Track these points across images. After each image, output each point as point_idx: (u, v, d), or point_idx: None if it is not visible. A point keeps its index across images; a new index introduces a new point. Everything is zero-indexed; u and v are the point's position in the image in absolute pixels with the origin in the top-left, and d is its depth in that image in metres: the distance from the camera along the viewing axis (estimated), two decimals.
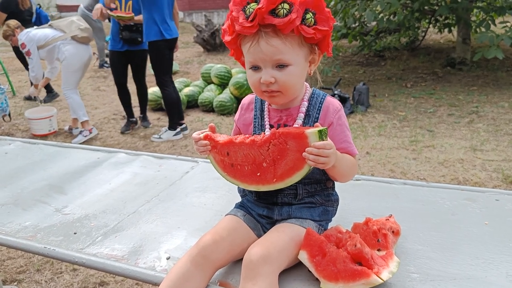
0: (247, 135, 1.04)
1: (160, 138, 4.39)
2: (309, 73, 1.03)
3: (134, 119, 4.75)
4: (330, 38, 0.98)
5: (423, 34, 7.98)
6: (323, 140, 0.91)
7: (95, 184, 1.57)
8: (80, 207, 1.42)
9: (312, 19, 0.93)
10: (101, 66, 7.97)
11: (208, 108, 5.18)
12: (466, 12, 5.95)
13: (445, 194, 1.29)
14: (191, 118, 5.07)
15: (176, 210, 1.35)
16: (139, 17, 4.16)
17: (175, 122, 4.37)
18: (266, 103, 1.09)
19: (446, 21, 7.06)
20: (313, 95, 1.06)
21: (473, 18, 6.69)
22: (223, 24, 1.03)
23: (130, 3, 4.22)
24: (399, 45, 7.99)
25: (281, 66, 0.96)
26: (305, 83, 1.07)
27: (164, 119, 5.07)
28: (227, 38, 0.99)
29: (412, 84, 6.00)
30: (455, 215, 1.19)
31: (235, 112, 5.23)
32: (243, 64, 1.07)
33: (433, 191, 1.32)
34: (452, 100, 5.19)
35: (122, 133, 4.66)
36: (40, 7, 5.07)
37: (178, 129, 4.39)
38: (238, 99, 5.10)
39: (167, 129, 4.41)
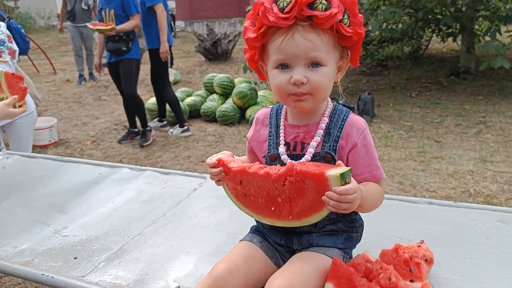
0: (261, 165, 0.94)
1: (171, 133, 4.75)
2: (335, 81, 0.94)
3: (136, 130, 4.63)
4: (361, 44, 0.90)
5: (426, 43, 7.94)
6: (346, 182, 0.80)
7: (97, 202, 1.48)
8: (81, 228, 1.32)
9: (347, 21, 0.86)
10: (91, 78, 7.74)
11: (211, 118, 5.11)
12: (470, 21, 5.91)
13: (475, 215, 1.20)
14: (193, 128, 4.99)
15: (184, 232, 1.25)
16: (123, 26, 3.93)
17: (181, 119, 4.70)
18: (282, 118, 0.99)
19: (449, 30, 7.02)
20: (335, 111, 0.96)
21: (476, 27, 6.66)
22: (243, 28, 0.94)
23: (112, 12, 3.98)
24: (402, 54, 7.95)
25: (314, 65, 0.87)
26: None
27: (165, 130, 4.99)
28: (250, 34, 0.89)
29: (416, 94, 5.93)
30: (489, 239, 1.09)
31: (238, 122, 5.16)
32: (257, 71, 0.97)
33: (462, 212, 1.22)
34: (458, 110, 5.12)
35: (119, 142, 4.55)
36: (10, 18, 4.54)
37: (186, 127, 4.74)
38: (241, 109, 5.02)
39: (178, 126, 4.77)
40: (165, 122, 4.94)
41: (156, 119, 5.01)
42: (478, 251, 1.05)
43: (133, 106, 4.40)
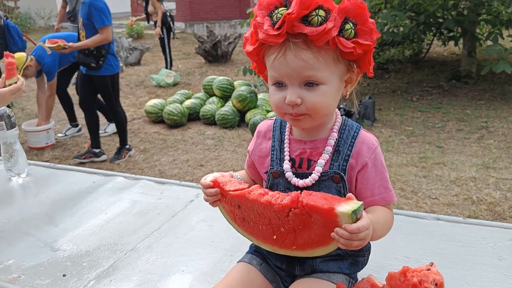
0: (261, 191, 0.86)
1: (65, 135, 4.94)
2: (344, 95, 0.87)
3: (96, 150, 4.16)
4: (372, 54, 0.82)
5: (427, 46, 7.90)
6: (357, 218, 0.74)
7: (89, 214, 1.41)
8: (71, 242, 1.26)
9: (352, 31, 0.77)
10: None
11: (210, 121, 5.05)
12: (472, 25, 5.87)
13: (486, 233, 1.14)
14: (192, 131, 4.94)
15: (179, 248, 1.19)
16: (85, 43, 3.61)
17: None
18: (286, 132, 0.92)
19: (450, 34, 6.98)
20: (344, 126, 0.89)
21: (478, 31, 6.61)
22: (245, 32, 0.87)
23: (81, 20, 3.71)
24: (403, 57, 7.90)
25: (310, 84, 0.79)
26: (336, 109, 0.92)
27: (164, 133, 4.93)
28: (248, 48, 0.83)
29: (417, 98, 5.88)
30: (502, 260, 1.03)
31: (238, 126, 5.08)
32: (266, 79, 0.91)
33: (472, 229, 1.16)
34: (460, 115, 5.07)
35: (74, 158, 4.18)
36: (7, 18, 4.37)
37: (79, 127, 5.06)
38: (240, 112, 4.97)
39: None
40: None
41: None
42: (490, 273, 0.99)
43: (115, 121, 4.20)
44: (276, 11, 0.77)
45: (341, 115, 0.92)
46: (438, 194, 3.28)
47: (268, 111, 4.88)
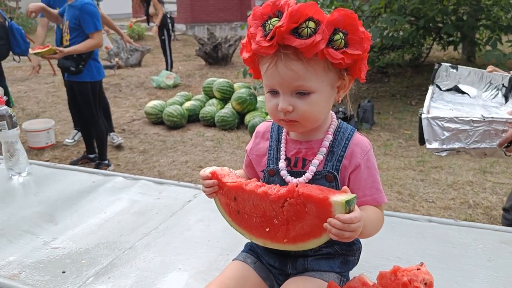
0: (259, 183, 0.90)
1: (74, 140, 4.74)
2: (337, 100, 0.90)
3: (91, 156, 4.11)
4: (364, 61, 0.84)
5: (427, 51, 7.94)
6: (350, 210, 0.77)
7: (89, 213, 1.44)
8: (71, 240, 1.28)
9: (343, 41, 0.79)
10: None
11: (210, 123, 5.08)
12: (471, 30, 5.91)
13: (477, 235, 1.17)
14: (192, 132, 4.96)
15: (176, 247, 1.22)
16: (75, 48, 3.43)
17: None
18: (283, 133, 0.96)
19: (450, 39, 7.03)
20: (339, 129, 0.92)
21: (477, 36, 6.66)
22: (243, 38, 0.90)
23: (67, 23, 3.51)
24: (402, 61, 7.94)
25: (301, 93, 0.83)
26: (332, 112, 0.95)
27: (163, 134, 4.96)
28: (245, 55, 0.86)
29: (416, 102, 5.91)
30: (491, 262, 1.06)
31: (237, 128, 5.09)
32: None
33: (463, 231, 1.19)
34: None
35: (70, 164, 3.84)
36: (11, 19, 4.31)
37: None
38: (240, 115, 5.00)
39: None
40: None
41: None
42: (480, 274, 1.01)
43: (94, 133, 3.93)
44: (269, 22, 0.79)
45: (338, 118, 0.95)
46: (435, 198, 3.31)
47: (267, 114, 4.91)
